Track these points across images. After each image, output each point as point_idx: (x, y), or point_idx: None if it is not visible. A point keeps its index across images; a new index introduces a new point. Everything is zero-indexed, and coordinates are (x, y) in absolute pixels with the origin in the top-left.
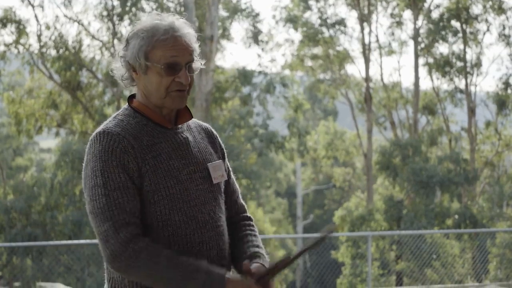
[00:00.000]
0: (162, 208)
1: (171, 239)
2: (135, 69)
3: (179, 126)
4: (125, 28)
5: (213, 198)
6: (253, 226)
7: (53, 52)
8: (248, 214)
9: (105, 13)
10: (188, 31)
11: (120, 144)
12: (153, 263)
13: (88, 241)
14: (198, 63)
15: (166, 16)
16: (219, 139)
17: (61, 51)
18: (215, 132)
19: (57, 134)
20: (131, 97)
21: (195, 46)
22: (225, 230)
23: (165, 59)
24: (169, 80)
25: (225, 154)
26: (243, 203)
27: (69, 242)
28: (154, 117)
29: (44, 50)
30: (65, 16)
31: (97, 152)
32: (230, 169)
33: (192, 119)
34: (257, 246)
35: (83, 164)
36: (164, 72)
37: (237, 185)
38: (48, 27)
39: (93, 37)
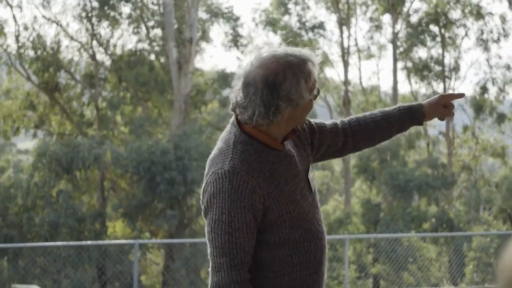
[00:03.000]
0: (283, 230)
1: (292, 252)
2: (293, 105)
3: (285, 142)
4: (104, 30)
5: (316, 207)
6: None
7: (31, 53)
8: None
9: (83, 14)
10: (318, 58)
11: (249, 185)
12: None
13: (64, 243)
14: None
15: (295, 47)
16: (305, 127)
17: (39, 52)
18: (298, 137)
19: (34, 135)
20: (238, 121)
21: None
22: (322, 222)
23: (314, 89)
24: (311, 103)
25: (314, 126)
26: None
27: (46, 244)
28: (268, 142)
29: (22, 50)
30: (44, 16)
31: (226, 190)
32: (315, 121)
33: None
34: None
35: (205, 191)
36: (314, 99)
37: (320, 121)
38: (26, 28)
39: (71, 38)
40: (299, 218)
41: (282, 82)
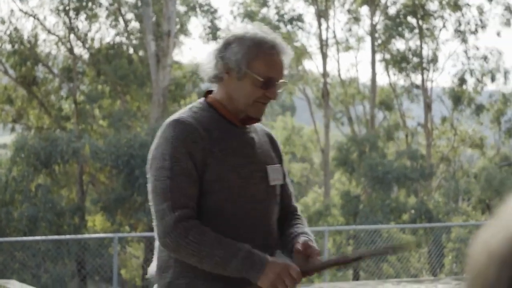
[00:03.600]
0: (218, 198)
1: (220, 229)
2: (229, 71)
3: (247, 126)
4: (81, 23)
5: (268, 199)
6: (301, 218)
7: (8, 47)
8: (299, 213)
9: (61, 7)
10: (289, 52)
11: (192, 134)
12: (199, 241)
13: (43, 237)
14: (284, 82)
15: (270, 32)
16: (279, 146)
17: (16, 45)
18: (275, 138)
19: (12, 129)
20: (208, 93)
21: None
22: (275, 231)
23: (264, 73)
24: (260, 92)
25: (283, 160)
26: (296, 205)
27: (24, 238)
28: (227, 115)
29: None
30: (21, 10)
31: (169, 138)
32: (286, 174)
33: (259, 125)
34: (304, 231)
35: (152, 147)
36: (260, 84)
37: (292, 189)
38: (3, 22)
39: (49, 31)
40: (237, 193)
41: (231, 44)
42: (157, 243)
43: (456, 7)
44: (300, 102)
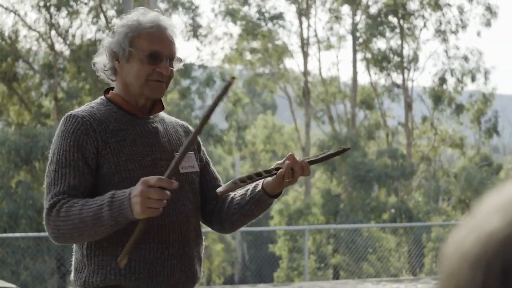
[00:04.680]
0: (120, 190)
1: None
2: (118, 58)
3: (151, 116)
4: (62, 19)
5: (179, 186)
6: None
7: None
8: None
9: (42, 3)
10: (173, 25)
11: (82, 126)
12: (68, 213)
13: (23, 234)
14: (178, 61)
15: (154, 13)
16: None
17: None
18: (191, 129)
19: None
20: (108, 90)
21: (177, 43)
22: (192, 218)
23: (149, 48)
24: (150, 68)
25: (202, 149)
26: None
27: (4, 235)
28: (125, 106)
29: None
30: (1, 6)
31: (59, 133)
32: (210, 161)
33: (172, 117)
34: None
35: None
36: (146, 60)
37: (218, 175)
38: None
39: (29, 27)
40: None
41: (115, 32)
42: (74, 246)
43: (436, 6)
44: (281, 101)
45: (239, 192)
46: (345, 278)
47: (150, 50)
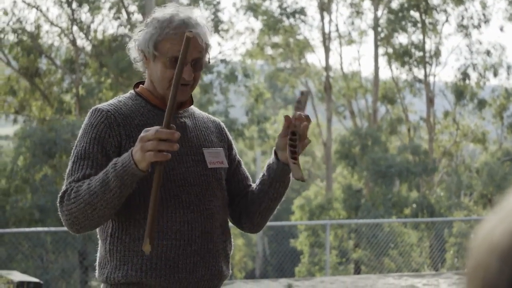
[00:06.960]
0: (143, 183)
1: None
2: (145, 55)
3: (180, 111)
4: (84, 15)
5: (206, 182)
6: None
7: (11, 38)
8: None
9: None
10: (200, 29)
11: (106, 120)
12: (78, 193)
13: (45, 228)
14: (205, 59)
15: (184, 9)
16: (227, 133)
17: (19, 37)
18: (223, 126)
19: (15, 121)
20: (138, 84)
21: (207, 42)
22: (218, 215)
23: (172, 52)
24: (172, 72)
25: (233, 147)
26: None
27: (27, 229)
28: (153, 101)
29: (2, 35)
30: (24, 1)
31: (84, 126)
32: (241, 161)
33: (205, 113)
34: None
35: None
36: (170, 64)
37: (248, 174)
38: (6, 13)
39: (51, 23)
40: (165, 178)
41: (145, 28)
42: (99, 242)
43: (459, 1)
44: None
45: (255, 186)
46: (367, 273)
47: (173, 55)
